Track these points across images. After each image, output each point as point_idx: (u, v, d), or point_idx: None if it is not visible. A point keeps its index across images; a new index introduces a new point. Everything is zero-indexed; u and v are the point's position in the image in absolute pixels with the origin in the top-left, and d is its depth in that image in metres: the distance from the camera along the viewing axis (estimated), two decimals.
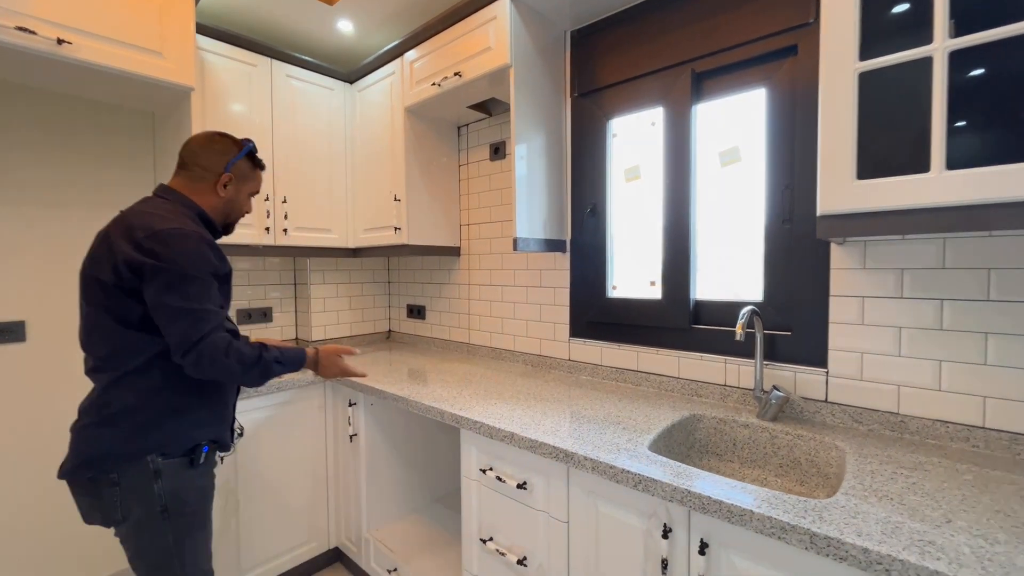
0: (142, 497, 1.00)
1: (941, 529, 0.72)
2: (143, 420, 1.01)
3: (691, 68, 1.45)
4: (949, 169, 0.82)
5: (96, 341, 1.03)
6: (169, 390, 1.03)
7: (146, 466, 1.00)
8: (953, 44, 0.81)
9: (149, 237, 0.98)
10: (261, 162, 1.26)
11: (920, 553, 0.66)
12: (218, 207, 1.17)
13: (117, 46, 1.34)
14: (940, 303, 1.06)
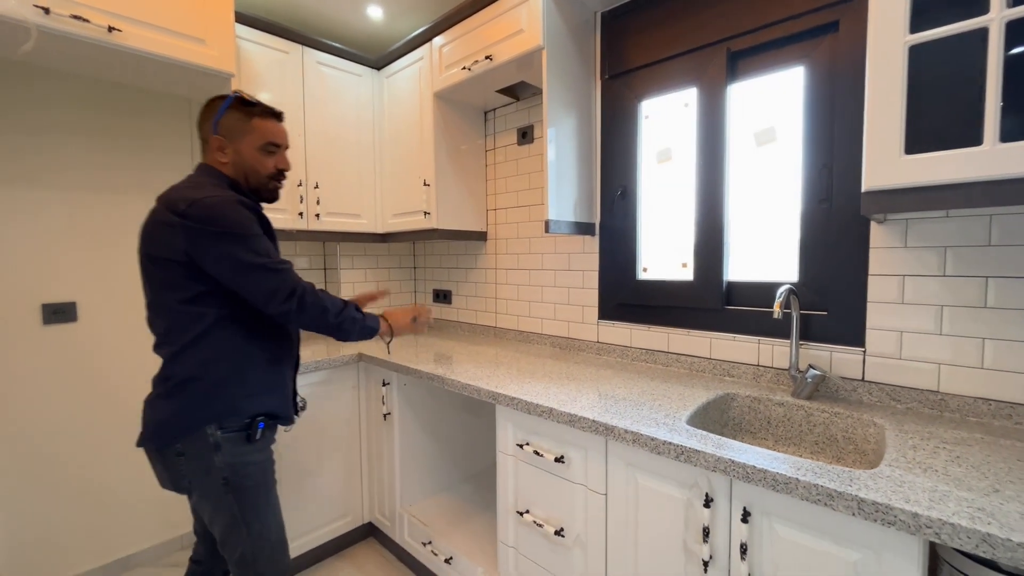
0: (205, 468, 1.05)
1: (989, 498, 0.73)
2: (200, 391, 1.05)
3: (726, 47, 1.44)
4: (1003, 142, 0.81)
5: (155, 318, 1.09)
6: (224, 361, 1.06)
7: (206, 438, 1.04)
8: (1011, 14, 0.80)
9: (191, 206, 0.99)
10: (261, 108, 1.13)
11: (970, 518, 0.67)
12: (231, 172, 1.12)
13: (163, 33, 1.38)
14: (985, 280, 1.05)
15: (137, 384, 1.85)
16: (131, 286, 1.83)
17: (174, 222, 0.99)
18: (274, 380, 1.15)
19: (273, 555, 1.14)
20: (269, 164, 1.15)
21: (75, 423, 1.71)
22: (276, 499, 1.18)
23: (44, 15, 1.18)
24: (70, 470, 1.71)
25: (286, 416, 1.19)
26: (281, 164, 1.17)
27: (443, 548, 1.61)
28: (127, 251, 1.81)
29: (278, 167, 1.17)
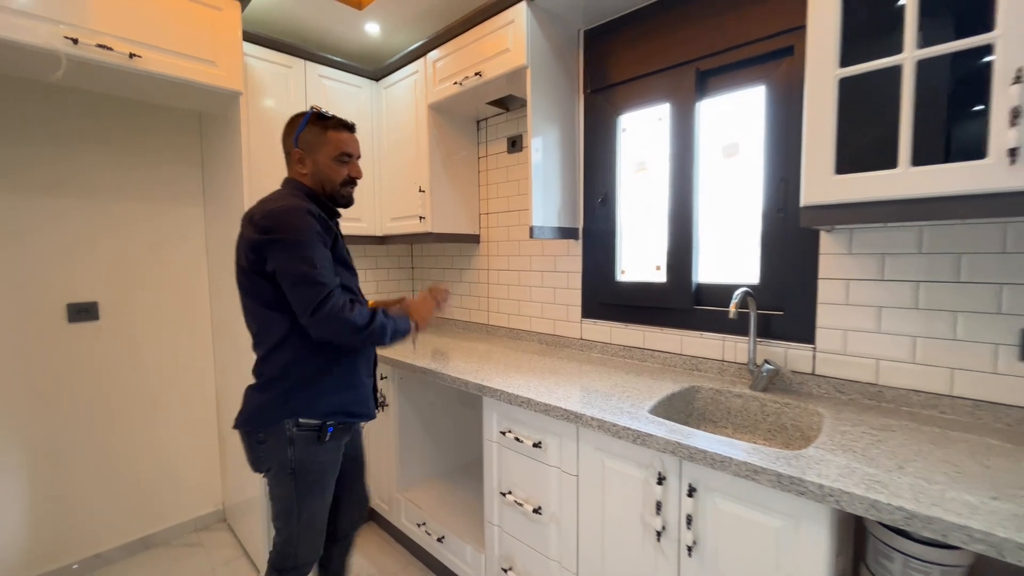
0: (279, 457, 1.18)
1: (891, 474, 0.86)
2: (282, 390, 1.16)
3: (696, 67, 1.56)
4: (914, 166, 0.93)
5: (248, 320, 1.21)
6: (302, 364, 1.16)
7: (283, 432, 1.16)
8: (921, 54, 0.91)
9: (263, 217, 1.11)
10: (335, 122, 1.24)
11: (865, 488, 0.79)
12: (310, 182, 1.23)
13: (177, 57, 1.51)
14: (916, 284, 1.17)
15: (154, 377, 2.01)
16: (147, 286, 1.97)
17: (250, 233, 1.11)
18: (350, 380, 1.24)
19: (313, 541, 1.25)
20: (342, 172, 1.25)
21: (98, 413, 1.86)
22: (330, 493, 1.27)
23: (73, 45, 1.31)
24: (94, 456, 1.86)
25: (362, 413, 1.27)
26: (353, 172, 1.27)
27: (436, 528, 1.75)
28: (143, 253, 1.96)
29: (350, 175, 1.26)
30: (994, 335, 1.08)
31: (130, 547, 1.94)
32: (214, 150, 1.98)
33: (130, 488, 1.94)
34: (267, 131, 1.95)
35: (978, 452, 0.95)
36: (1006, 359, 1.07)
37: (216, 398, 2.17)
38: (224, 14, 1.60)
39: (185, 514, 2.09)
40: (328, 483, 1.26)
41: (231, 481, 2.11)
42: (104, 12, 1.37)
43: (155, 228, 1.98)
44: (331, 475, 1.26)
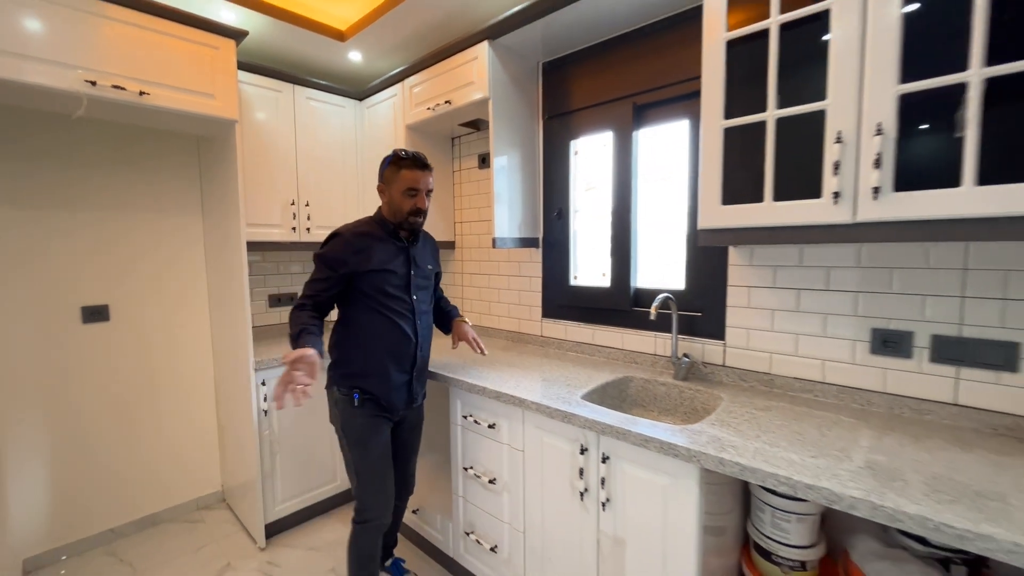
0: (332, 415, 1.57)
1: (748, 441, 1.11)
2: (331, 362, 1.56)
3: (633, 101, 1.80)
4: (775, 201, 1.18)
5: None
6: (342, 346, 1.53)
7: (333, 395, 1.54)
8: (779, 113, 1.16)
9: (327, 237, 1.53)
10: (409, 161, 1.48)
11: (719, 450, 1.05)
12: (386, 211, 1.55)
13: (180, 92, 1.72)
14: (798, 292, 1.43)
15: (159, 371, 2.23)
16: (151, 289, 2.19)
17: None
18: (374, 368, 1.51)
19: (375, 500, 1.54)
20: (408, 204, 1.50)
21: (110, 404, 2.08)
22: (377, 459, 1.52)
23: (92, 87, 1.53)
24: (107, 443, 2.08)
25: (383, 399, 1.51)
26: (419, 203, 1.51)
27: (412, 503, 1.99)
28: (149, 260, 2.18)
29: (416, 206, 1.51)
30: (853, 333, 1.34)
31: (140, 523, 2.17)
32: (211, 168, 2.19)
33: (139, 471, 2.17)
34: (259, 149, 2.17)
35: (825, 425, 1.21)
36: (861, 352, 1.33)
37: (215, 390, 2.40)
38: (221, 52, 1.81)
39: (188, 494, 2.33)
40: (370, 446, 1.51)
41: (229, 465, 2.34)
42: (118, 56, 1.58)
43: (159, 237, 2.20)
44: (371, 439, 1.51)
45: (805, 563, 1.25)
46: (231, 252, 2.04)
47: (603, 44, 1.87)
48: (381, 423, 1.54)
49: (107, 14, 1.57)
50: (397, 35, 2.17)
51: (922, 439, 1.11)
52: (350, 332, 1.52)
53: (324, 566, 1.94)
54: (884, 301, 1.29)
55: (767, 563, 1.28)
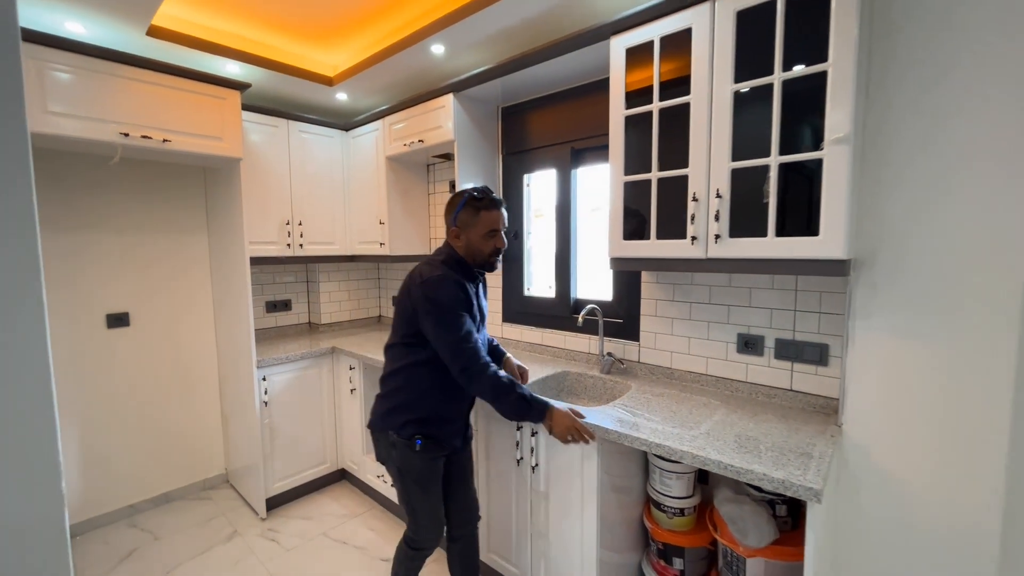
0: (388, 456, 1.52)
1: (636, 417, 1.51)
2: (391, 406, 1.51)
3: (571, 145, 2.19)
4: (657, 239, 1.58)
5: (390, 339, 1.54)
6: (408, 391, 1.49)
7: (388, 438, 1.49)
8: (659, 174, 1.56)
9: (423, 283, 1.38)
10: (487, 202, 1.44)
11: (616, 424, 1.45)
12: (463, 253, 1.48)
13: (195, 137, 2.07)
14: (690, 305, 1.84)
15: (171, 369, 2.58)
16: (164, 298, 2.53)
17: (414, 290, 1.42)
18: (443, 414, 1.51)
19: (429, 530, 1.55)
20: (491, 245, 1.47)
21: (129, 397, 2.43)
22: (434, 495, 1.53)
23: (125, 138, 1.88)
24: (125, 431, 2.43)
25: (445, 443, 1.51)
26: (499, 244, 1.48)
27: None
28: (161, 273, 2.52)
29: (496, 247, 1.48)
30: (726, 336, 1.75)
31: (155, 500, 2.52)
32: (217, 194, 2.54)
33: (154, 455, 2.52)
34: (259, 176, 2.52)
35: (695, 406, 1.61)
36: (731, 352, 1.74)
37: (219, 385, 2.75)
38: (228, 102, 2.17)
39: (196, 476, 2.68)
40: (428, 486, 1.50)
41: (232, 450, 2.70)
42: (145, 110, 1.93)
43: (171, 253, 2.54)
44: (431, 480, 1.50)
45: (684, 510, 1.65)
46: (234, 266, 2.39)
47: (550, 96, 2.26)
48: (440, 462, 1.54)
49: (136, 76, 1.91)
50: (377, 83, 2.54)
51: (758, 414, 1.53)
52: (420, 379, 1.46)
53: (316, 531, 2.31)
54: (746, 313, 1.70)
55: (658, 512, 1.69)
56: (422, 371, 1.47)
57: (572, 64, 1.95)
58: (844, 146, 1.20)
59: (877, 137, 1.31)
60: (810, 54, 1.24)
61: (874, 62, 1.31)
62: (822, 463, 1.18)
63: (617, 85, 1.64)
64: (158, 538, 2.26)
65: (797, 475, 1.12)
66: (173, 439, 2.58)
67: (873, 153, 1.32)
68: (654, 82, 1.54)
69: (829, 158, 1.22)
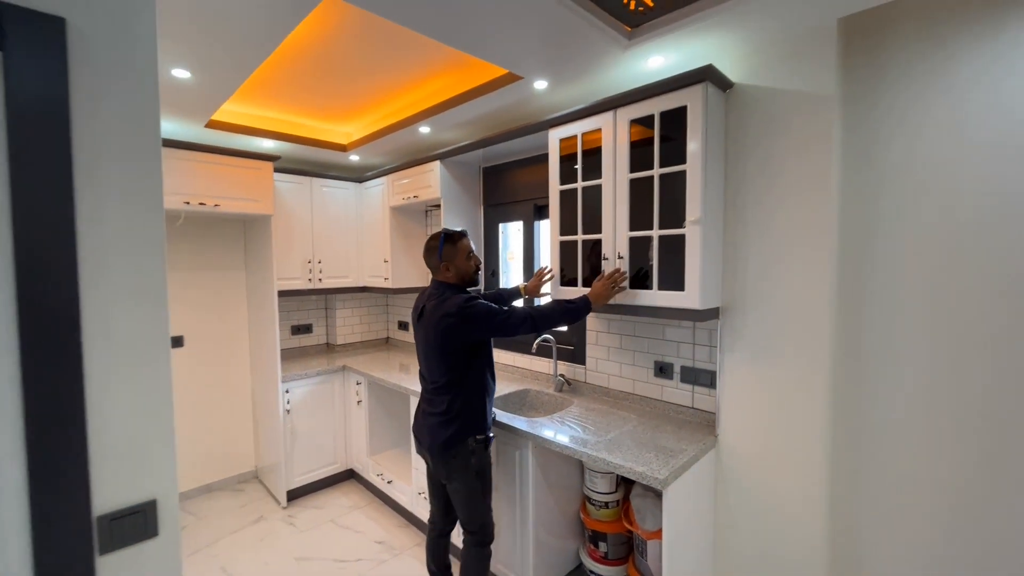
0: (466, 465, 1.75)
1: (563, 426, 1.94)
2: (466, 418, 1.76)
3: (534, 202, 2.67)
4: (583, 287, 2.02)
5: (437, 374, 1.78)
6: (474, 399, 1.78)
7: (467, 446, 1.75)
8: (583, 236, 2.01)
9: (458, 312, 1.67)
10: (458, 235, 1.81)
11: (553, 434, 1.89)
12: (455, 279, 1.81)
13: (238, 200, 2.66)
14: (621, 336, 2.26)
15: (214, 382, 3.14)
16: (210, 323, 3.12)
17: (452, 321, 1.68)
18: (487, 408, 1.82)
19: (488, 518, 1.83)
20: (472, 264, 1.84)
21: (181, 405, 3.01)
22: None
23: (186, 205, 2.47)
24: (181, 434, 3.00)
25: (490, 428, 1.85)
26: (477, 262, 1.85)
27: (388, 476, 2.85)
28: (208, 302, 3.11)
29: (476, 264, 1.85)
30: (646, 363, 2.16)
31: (199, 489, 3.07)
32: (253, 240, 3.12)
33: (200, 454, 3.08)
34: (287, 224, 3.09)
35: (614, 419, 2.03)
36: (650, 375, 2.15)
37: (251, 395, 3.31)
38: (262, 171, 2.75)
39: (232, 471, 3.23)
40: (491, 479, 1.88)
41: (261, 451, 3.23)
42: (201, 183, 2.53)
43: (217, 287, 3.14)
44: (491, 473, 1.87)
45: (608, 503, 2.06)
46: (265, 297, 2.95)
47: (520, 160, 2.75)
48: None
49: (194, 158, 2.51)
50: (381, 149, 3.10)
51: (661, 426, 1.93)
52: (471, 388, 1.76)
53: (325, 518, 2.80)
54: (660, 345, 2.11)
55: (590, 505, 2.10)
56: (471, 382, 1.77)
57: (530, 140, 2.44)
58: (697, 227, 1.63)
59: (734, 217, 1.74)
60: (677, 157, 1.69)
61: (729, 162, 1.74)
62: (679, 460, 1.59)
63: (554, 165, 2.11)
64: (201, 519, 2.80)
65: (654, 468, 1.53)
66: (215, 440, 3.14)
67: (731, 228, 1.74)
68: (579, 165, 2.00)
69: (689, 234, 1.65)
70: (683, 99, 1.63)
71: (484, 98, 2.15)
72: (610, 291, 1.82)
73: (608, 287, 1.81)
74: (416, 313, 1.89)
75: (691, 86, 1.60)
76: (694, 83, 1.59)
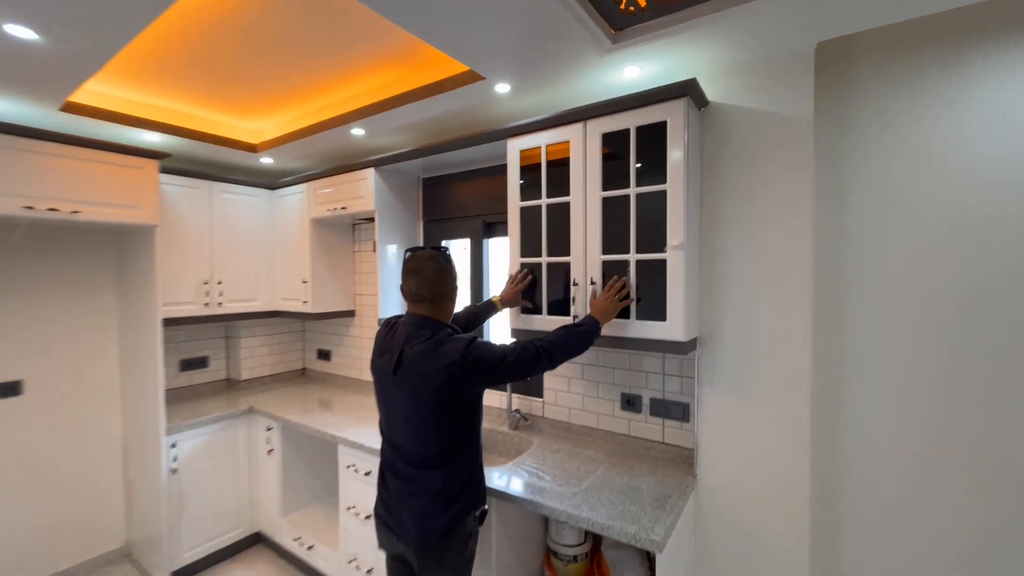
0: (462, 552, 1.37)
1: (532, 477, 1.69)
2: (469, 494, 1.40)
3: (483, 219, 2.43)
4: (548, 315, 1.82)
5: (426, 443, 1.34)
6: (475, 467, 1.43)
7: (465, 527, 1.37)
8: (547, 259, 1.81)
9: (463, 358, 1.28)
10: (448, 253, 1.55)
11: (520, 485, 1.62)
12: (448, 316, 1.48)
13: (108, 207, 2.08)
14: (583, 366, 2.08)
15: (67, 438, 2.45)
16: (65, 363, 2.43)
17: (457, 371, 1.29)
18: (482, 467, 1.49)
19: None
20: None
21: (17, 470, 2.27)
22: None
23: (29, 211, 1.86)
24: (13, 506, 2.26)
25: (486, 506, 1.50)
26: None
27: (307, 540, 2.38)
28: (62, 336, 2.42)
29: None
30: (612, 395, 2.00)
31: None
32: (129, 255, 2.50)
33: (45, 531, 2.34)
34: (177, 238, 2.53)
35: (584, 463, 1.82)
36: (616, 409, 1.99)
37: (123, 451, 2.62)
38: (144, 171, 2.20)
39: (92, 551, 2.51)
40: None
41: (135, 521, 2.56)
42: (52, 183, 1.93)
43: (74, 315, 2.45)
44: None
45: (576, 556, 1.84)
46: (145, 328, 2.36)
47: (466, 172, 2.50)
48: None
49: (42, 150, 1.92)
50: (302, 152, 2.67)
51: (634, 468, 1.76)
52: (472, 457, 1.41)
53: None
54: (627, 375, 1.96)
55: (556, 559, 1.87)
56: (470, 448, 1.41)
57: (482, 149, 2.20)
58: (680, 252, 1.50)
59: (711, 241, 1.64)
60: (655, 176, 1.56)
61: (705, 184, 1.65)
62: (671, 515, 1.42)
63: (514, 179, 1.89)
64: None
65: (647, 527, 1.34)
66: (67, 514, 2.42)
67: (708, 254, 1.65)
68: (542, 181, 1.81)
69: (671, 260, 1.52)
70: (663, 114, 1.51)
71: (435, 99, 1.88)
72: (615, 304, 1.56)
73: (611, 300, 1.55)
74: (387, 361, 1.40)
75: (673, 100, 1.49)
76: (676, 97, 1.48)
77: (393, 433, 1.43)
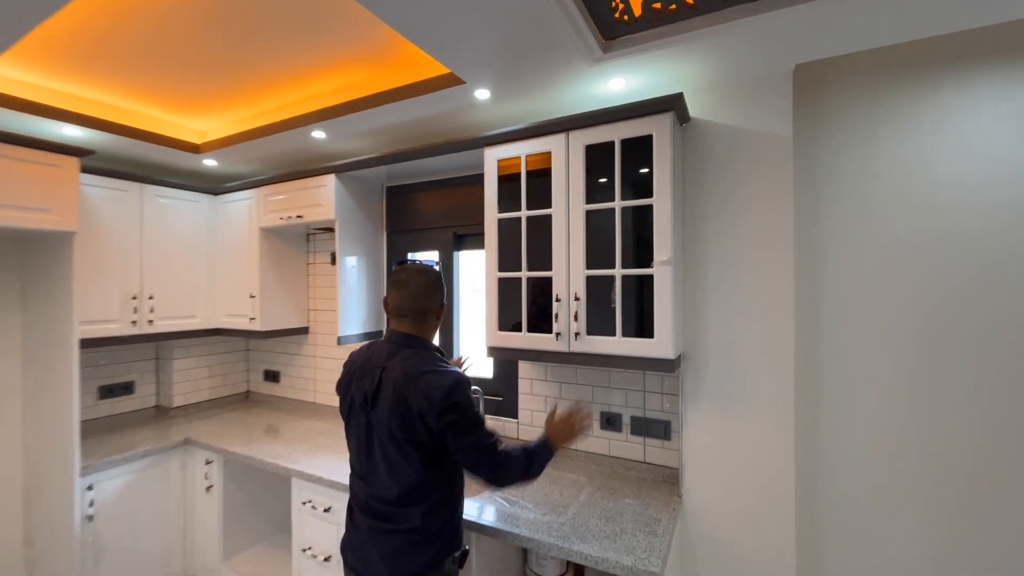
0: None
1: (512, 507, 1.58)
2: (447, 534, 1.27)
3: (453, 230, 2.32)
4: (529, 332, 1.73)
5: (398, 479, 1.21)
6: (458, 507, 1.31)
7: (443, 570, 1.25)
8: (528, 274, 1.73)
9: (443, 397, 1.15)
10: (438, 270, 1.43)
11: (498, 519, 1.50)
12: (433, 334, 1.36)
13: (11, 210, 1.77)
14: (560, 384, 2.01)
15: None
16: None
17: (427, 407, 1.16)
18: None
19: None
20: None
21: None
22: None
23: None
24: None
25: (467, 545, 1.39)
26: None
27: None
28: None
29: None
30: (591, 415, 1.94)
31: None
32: (38, 268, 2.14)
33: None
34: (99, 248, 2.22)
35: (567, 487, 1.74)
36: (595, 428, 1.93)
37: (22, 500, 2.22)
38: (63, 169, 1.90)
39: None
40: None
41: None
42: None
43: None
44: None
45: None
46: (57, 350, 2.02)
47: (434, 182, 2.38)
48: None
49: None
50: (252, 155, 2.45)
51: (619, 489, 1.70)
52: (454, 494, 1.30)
53: None
54: (607, 392, 1.91)
55: None
56: (453, 484, 1.29)
57: (454, 158, 2.10)
58: (668, 267, 1.47)
59: (694, 257, 1.63)
60: (640, 189, 1.53)
61: (688, 200, 1.64)
62: (663, 540, 1.36)
63: (491, 190, 1.80)
64: None
65: (643, 558, 1.27)
66: None
67: (691, 269, 1.64)
68: (522, 193, 1.73)
69: (658, 276, 1.49)
70: (650, 127, 1.49)
71: (408, 102, 1.77)
72: (572, 434, 1.40)
73: (569, 427, 1.40)
74: (365, 383, 1.27)
75: (660, 113, 1.47)
76: (664, 111, 1.46)
77: (365, 465, 1.29)
